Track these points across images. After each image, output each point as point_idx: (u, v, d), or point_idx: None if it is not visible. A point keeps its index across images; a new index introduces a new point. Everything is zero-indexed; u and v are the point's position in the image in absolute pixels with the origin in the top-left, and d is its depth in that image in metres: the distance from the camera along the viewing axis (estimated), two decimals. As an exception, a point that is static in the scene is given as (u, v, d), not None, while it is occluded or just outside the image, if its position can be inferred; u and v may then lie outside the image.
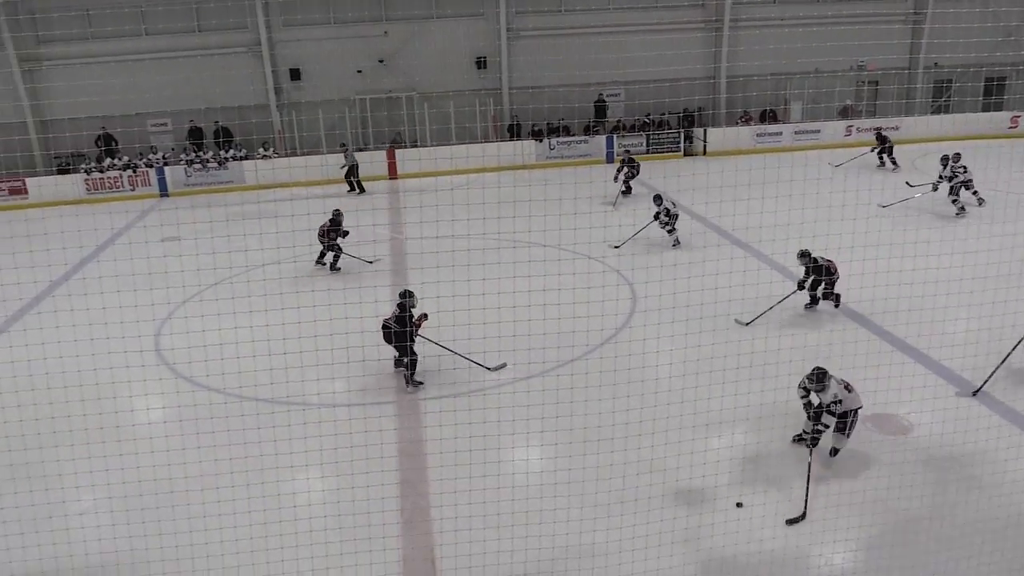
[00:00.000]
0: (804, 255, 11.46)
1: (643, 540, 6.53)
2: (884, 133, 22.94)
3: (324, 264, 15.16)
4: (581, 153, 25.68)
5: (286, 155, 25.25)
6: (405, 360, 9.87)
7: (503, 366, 10.25)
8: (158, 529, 6.91)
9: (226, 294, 13.74)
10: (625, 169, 19.99)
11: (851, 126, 25.54)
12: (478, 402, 9.42)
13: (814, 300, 11.83)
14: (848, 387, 7.71)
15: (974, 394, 9.03)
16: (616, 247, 15.51)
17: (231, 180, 24.47)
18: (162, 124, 26.01)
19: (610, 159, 25.64)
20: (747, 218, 9.89)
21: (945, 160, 17.24)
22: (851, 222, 11.99)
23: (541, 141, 25.67)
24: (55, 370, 7.96)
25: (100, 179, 24.18)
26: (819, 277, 11.45)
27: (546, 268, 11.65)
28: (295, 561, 6.37)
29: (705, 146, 25.78)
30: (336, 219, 14.83)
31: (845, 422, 7.72)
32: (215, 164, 24.44)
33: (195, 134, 25.29)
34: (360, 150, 25.26)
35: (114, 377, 8.51)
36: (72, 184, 23.91)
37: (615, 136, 26.07)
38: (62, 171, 24.64)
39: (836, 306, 11.75)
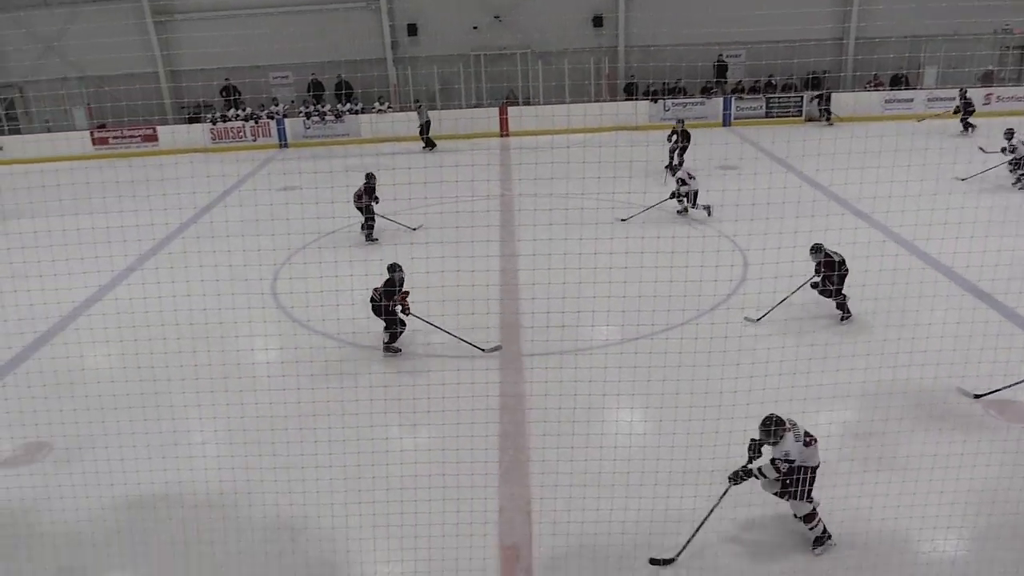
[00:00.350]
0: (817, 250, 10.12)
1: (745, 510, 6.41)
2: (969, 96, 21.68)
3: (367, 231, 14.87)
4: (697, 115, 24.97)
5: (400, 109, 25.60)
6: (390, 331, 9.81)
7: (498, 348, 9.95)
8: (272, 463, 7.24)
9: (341, 243, 14.19)
10: (675, 137, 18.65)
11: (991, 94, 23.89)
12: (584, 360, 9.41)
13: (843, 307, 10.44)
14: (809, 441, 6.27)
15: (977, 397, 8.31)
16: (623, 219, 15.04)
17: (347, 133, 25.05)
18: (283, 77, 26.78)
19: (727, 122, 24.90)
20: (875, 187, 9.41)
21: (1010, 133, 16.59)
22: (970, 195, 11.26)
23: (656, 102, 25.12)
24: (182, 307, 8.39)
25: (224, 129, 25.18)
26: (828, 273, 10.07)
27: (658, 230, 11.48)
28: (399, 503, 6.55)
29: (828, 111, 24.53)
30: (370, 184, 14.55)
31: (795, 483, 6.19)
32: (332, 117, 25.03)
33: (315, 87, 25.92)
34: (475, 106, 25.37)
35: (236, 317, 8.90)
36: (199, 133, 25.01)
37: (732, 98, 25.24)
38: (191, 120, 25.80)
39: (843, 316, 10.35)
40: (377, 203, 14.59)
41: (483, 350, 9.80)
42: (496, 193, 17.40)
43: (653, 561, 6.23)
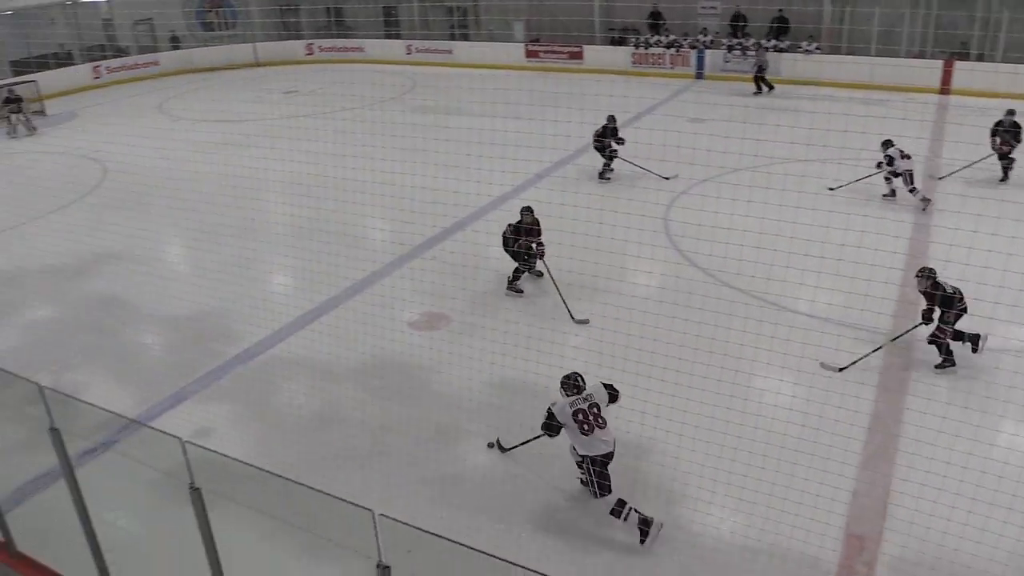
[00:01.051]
0: (927, 276, 8.21)
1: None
2: None
3: (607, 172, 14.65)
4: None
5: (829, 51, 23.94)
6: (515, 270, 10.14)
7: (585, 321, 9.40)
8: (634, 381, 7.49)
9: (746, 181, 13.82)
10: (999, 137, 13.82)
11: None
12: (986, 357, 8.28)
13: (939, 346, 8.31)
14: (585, 428, 6.03)
15: None
16: (832, 189, 13.03)
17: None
18: (711, 8, 26.40)
19: None
20: None
21: None
22: None
23: None
24: (580, 217, 8.91)
25: (645, 54, 25.68)
26: (943, 308, 8.11)
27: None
28: (748, 453, 6.47)
29: None
30: (608, 124, 14.22)
31: (587, 474, 6.13)
32: (755, 52, 24.23)
33: (738, 19, 25.26)
34: (916, 55, 22.87)
35: (626, 236, 9.19)
36: (621, 55, 25.82)
37: None
38: (615, 42, 26.72)
39: (973, 349, 8.25)
40: (622, 144, 14.33)
41: (574, 319, 9.44)
42: (919, 155, 15.67)
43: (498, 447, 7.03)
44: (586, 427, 6.06)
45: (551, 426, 6.21)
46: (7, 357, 8.60)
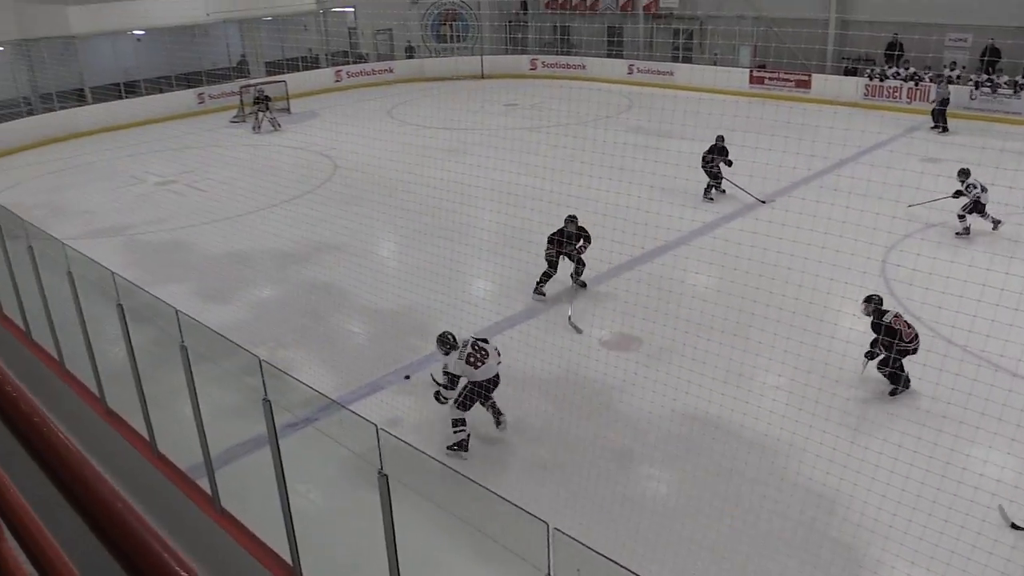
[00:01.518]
0: (870, 302, 8.23)
1: None
2: None
3: (717, 192, 14.77)
4: None
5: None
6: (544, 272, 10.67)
7: (579, 331, 9.77)
8: (836, 431, 7.01)
9: (982, 230, 12.60)
10: None
11: None
12: None
13: (892, 378, 7.94)
14: (474, 362, 7.18)
15: None
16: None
17: (1019, 112, 21.91)
18: (962, 40, 24.34)
19: None
20: None
21: None
22: None
23: None
24: (798, 252, 8.43)
25: (879, 86, 24.14)
26: (885, 340, 7.83)
27: None
28: (959, 528, 5.83)
29: None
30: (716, 143, 14.36)
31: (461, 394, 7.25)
32: (1009, 90, 22.09)
33: (990, 53, 23.05)
34: None
35: (843, 277, 8.61)
36: (852, 86, 24.42)
37: None
38: (847, 72, 25.31)
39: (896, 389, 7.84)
40: (729, 166, 14.27)
41: (571, 321, 9.97)
42: None
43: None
44: (480, 364, 7.19)
45: (452, 381, 7.16)
46: (235, 329, 9.39)
